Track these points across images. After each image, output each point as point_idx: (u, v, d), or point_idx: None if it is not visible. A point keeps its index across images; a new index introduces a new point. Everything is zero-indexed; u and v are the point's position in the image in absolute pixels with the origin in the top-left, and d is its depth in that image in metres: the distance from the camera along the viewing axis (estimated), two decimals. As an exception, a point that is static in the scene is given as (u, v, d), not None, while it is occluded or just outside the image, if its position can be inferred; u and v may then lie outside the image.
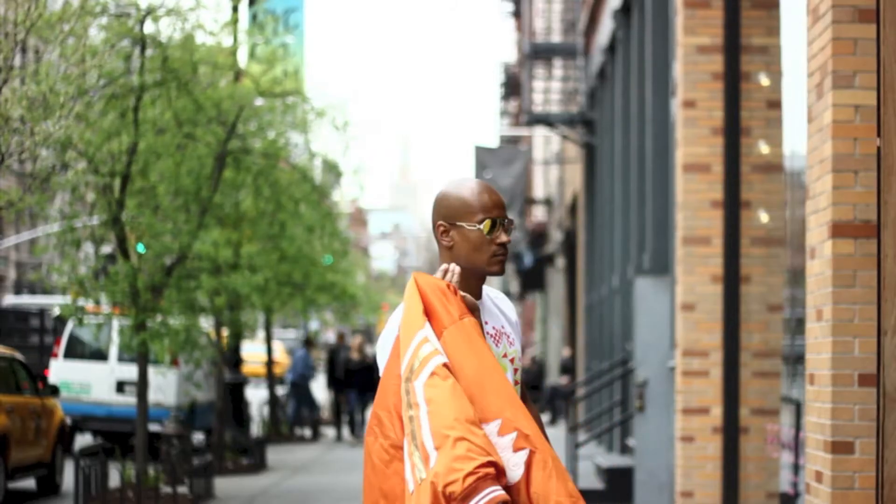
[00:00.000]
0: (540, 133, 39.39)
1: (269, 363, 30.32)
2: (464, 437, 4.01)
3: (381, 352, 4.29)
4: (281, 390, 32.79)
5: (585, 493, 16.61)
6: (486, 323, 4.29)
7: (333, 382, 29.24)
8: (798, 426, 10.40)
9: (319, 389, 35.65)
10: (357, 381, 27.95)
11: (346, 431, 28.84)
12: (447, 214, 4.25)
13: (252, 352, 47.04)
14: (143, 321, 16.21)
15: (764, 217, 12.07)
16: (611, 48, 21.68)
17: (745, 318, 12.04)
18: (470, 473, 3.99)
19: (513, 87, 44.54)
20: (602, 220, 23.48)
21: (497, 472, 4.02)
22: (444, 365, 4.09)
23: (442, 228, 4.27)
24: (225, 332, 22.25)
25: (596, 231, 24.95)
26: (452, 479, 3.96)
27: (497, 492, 3.98)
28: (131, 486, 15.74)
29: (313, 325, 54.32)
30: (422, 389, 4.06)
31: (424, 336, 4.12)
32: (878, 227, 6.39)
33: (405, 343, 4.13)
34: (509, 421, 4.09)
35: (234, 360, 24.78)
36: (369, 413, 4.53)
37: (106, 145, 15.67)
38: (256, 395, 33.12)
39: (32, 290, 57.48)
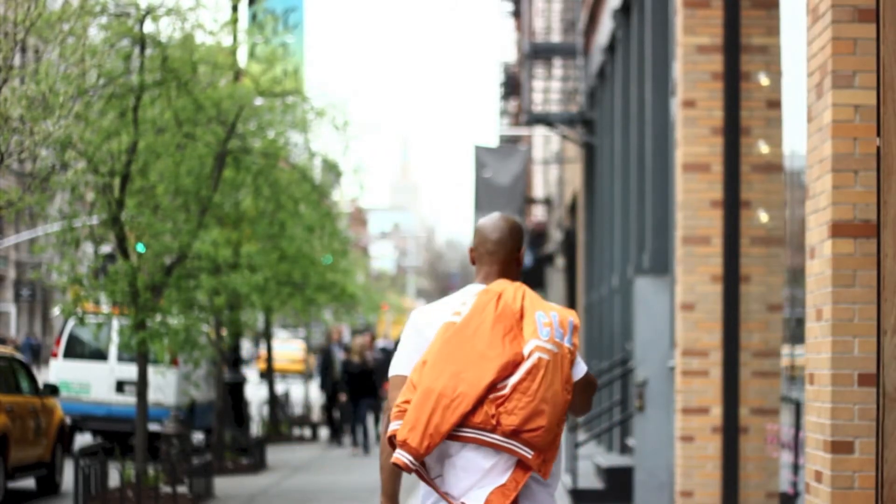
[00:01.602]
0: (540, 133, 39.40)
1: (269, 360, 30.32)
2: None
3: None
4: (291, 387, 32.75)
5: (585, 493, 16.65)
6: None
7: (328, 383, 28.36)
8: (798, 426, 10.40)
9: (313, 389, 35.59)
10: (354, 386, 26.16)
11: (346, 438, 28.00)
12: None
13: (284, 350, 50.28)
14: (142, 320, 16.22)
15: (764, 217, 12.07)
16: (610, 48, 21.67)
17: (744, 318, 12.04)
18: None
19: (513, 86, 44.53)
20: (602, 219, 23.47)
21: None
22: None
23: (523, 251, 5.49)
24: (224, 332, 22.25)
25: (596, 231, 24.94)
26: None
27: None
28: (131, 485, 15.74)
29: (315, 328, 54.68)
30: None
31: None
32: (878, 226, 6.38)
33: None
34: None
35: (234, 359, 24.78)
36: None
37: (105, 145, 15.67)
38: (257, 395, 33.08)
39: (32, 290, 57.49)
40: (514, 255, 5.42)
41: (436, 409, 5.07)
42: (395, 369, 5.37)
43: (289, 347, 54.84)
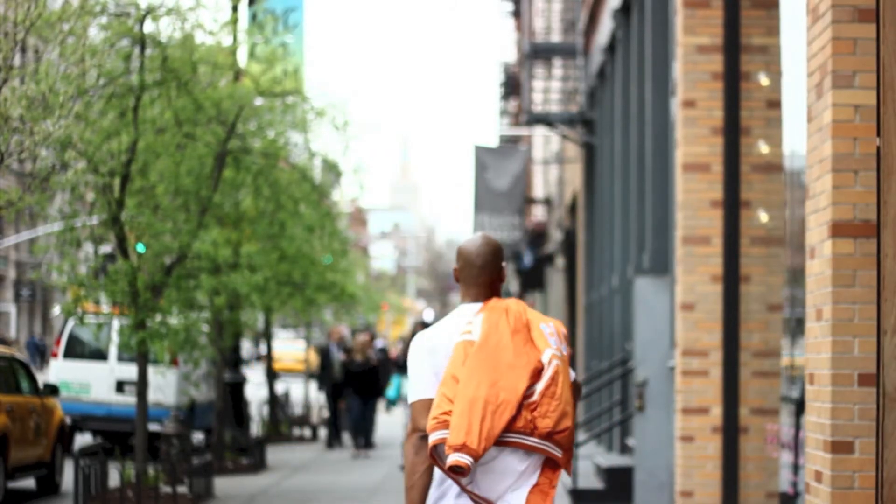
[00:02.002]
0: (540, 133, 39.39)
1: (269, 360, 30.30)
2: None
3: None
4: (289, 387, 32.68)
5: (585, 493, 16.65)
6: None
7: (327, 384, 27.46)
8: (798, 426, 10.40)
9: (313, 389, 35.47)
10: (358, 385, 25.30)
11: (346, 438, 27.57)
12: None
13: (291, 350, 51.54)
14: (142, 320, 16.21)
15: (764, 217, 12.07)
16: (610, 48, 21.67)
17: (744, 318, 12.04)
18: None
19: (513, 86, 44.52)
20: (602, 219, 23.48)
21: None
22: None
23: (504, 268, 5.89)
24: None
25: (596, 231, 24.95)
26: None
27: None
28: (131, 485, 15.74)
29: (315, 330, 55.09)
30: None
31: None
32: (878, 226, 6.38)
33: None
34: None
35: (234, 359, 24.76)
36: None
37: (105, 145, 15.67)
38: (257, 395, 33.07)
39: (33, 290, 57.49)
40: (497, 273, 5.89)
41: (485, 415, 5.46)
42: (418, 394, 5.69)
43: (296, 347, 55.31)
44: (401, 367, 21.10)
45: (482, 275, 5.85)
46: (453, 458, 5.40)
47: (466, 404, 5.47)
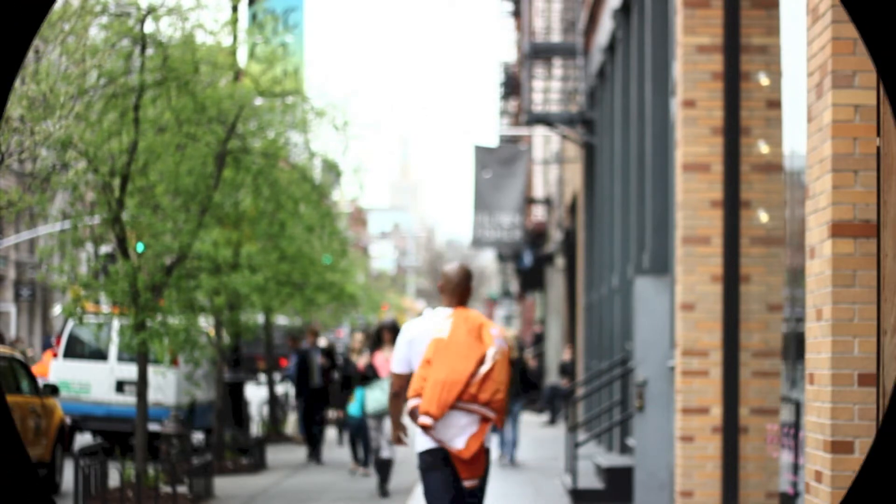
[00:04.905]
0: (540, 133, 39.40)
1: (269, 360, 30.29)
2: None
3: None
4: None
5: (585, 493, 16.65)
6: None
7: (305, 392, 24.31)
8: (798, 426, 10.40)
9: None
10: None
11: (329, 453, 26.51)
12: None
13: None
14: (142, 321, 16.21)
15: (764, 217, 12.07)
16: (610, 48, 21.68)
17: (744, 318, 12.04)
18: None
19: (513, 86, 44.54)
20: (602, 219, 23.48)
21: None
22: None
23: (472, 287, 9.20)
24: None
25: (596, 231, 24.95)
26: None
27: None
28: (131, 485, 15.74)
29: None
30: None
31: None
32: (878, 226, 6.39)
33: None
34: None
35: (234, 359, 24.73)
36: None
37: (106, 145, 15.67)
38: (257, 395, 33.06)
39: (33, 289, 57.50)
40: (466, 289, 9.02)
41: (443, 390, 8.61)
42: (394, 368, 9.12)
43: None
44: (366, 378, 19.02)
45: (456, 288, 9.01)
46: (421, 420, 8.65)
47: (433, 384, 8.61)
